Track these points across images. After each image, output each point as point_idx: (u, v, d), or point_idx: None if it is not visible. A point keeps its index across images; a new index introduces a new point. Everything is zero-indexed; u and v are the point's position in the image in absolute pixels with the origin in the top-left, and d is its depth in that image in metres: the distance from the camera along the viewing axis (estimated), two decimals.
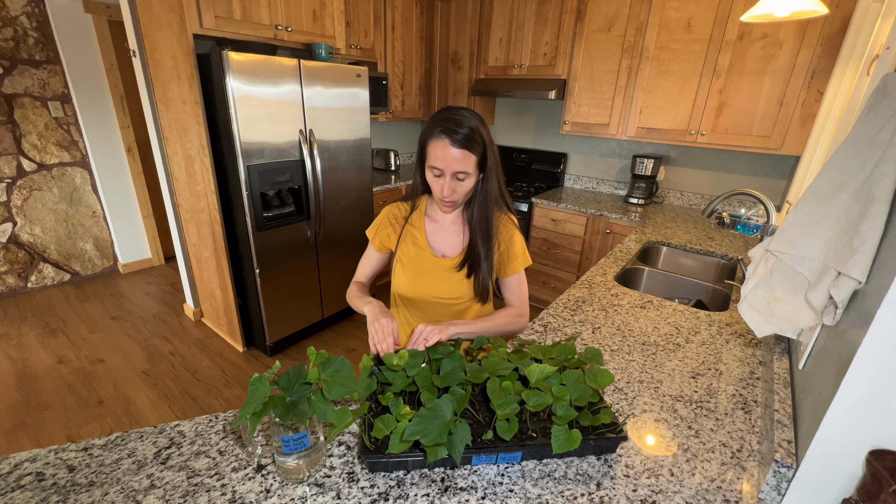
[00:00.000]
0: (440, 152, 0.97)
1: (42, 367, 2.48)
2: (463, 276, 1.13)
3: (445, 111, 0.99)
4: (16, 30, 2.90)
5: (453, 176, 0.99)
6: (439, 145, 0.96)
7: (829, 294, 0.74)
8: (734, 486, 0.75)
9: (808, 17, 1.48)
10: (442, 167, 0.98)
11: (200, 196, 2.39)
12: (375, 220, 1.19)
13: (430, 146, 0.98)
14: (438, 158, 0.97)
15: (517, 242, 1.13)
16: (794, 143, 2.29)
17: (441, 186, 1.01)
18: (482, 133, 0.99)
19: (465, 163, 0.97)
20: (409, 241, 1.16)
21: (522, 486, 0.73)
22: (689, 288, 1.79)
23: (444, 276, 1.13)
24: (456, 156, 0.96)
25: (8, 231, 3.15)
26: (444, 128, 0.96)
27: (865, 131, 0.72)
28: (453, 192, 1.01)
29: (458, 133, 0.95)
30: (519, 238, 1.14)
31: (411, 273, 1.15)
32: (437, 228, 1.16)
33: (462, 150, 0.96)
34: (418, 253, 1.14)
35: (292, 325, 2.67)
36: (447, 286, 1.13)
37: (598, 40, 2.75)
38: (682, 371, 1.07)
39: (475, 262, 1.10)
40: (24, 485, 0.69)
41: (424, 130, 1.01)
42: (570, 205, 2.86)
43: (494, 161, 1.04)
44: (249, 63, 2.01)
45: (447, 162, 0.97)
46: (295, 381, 0.69)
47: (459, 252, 1.14)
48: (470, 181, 1.02)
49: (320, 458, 0.75)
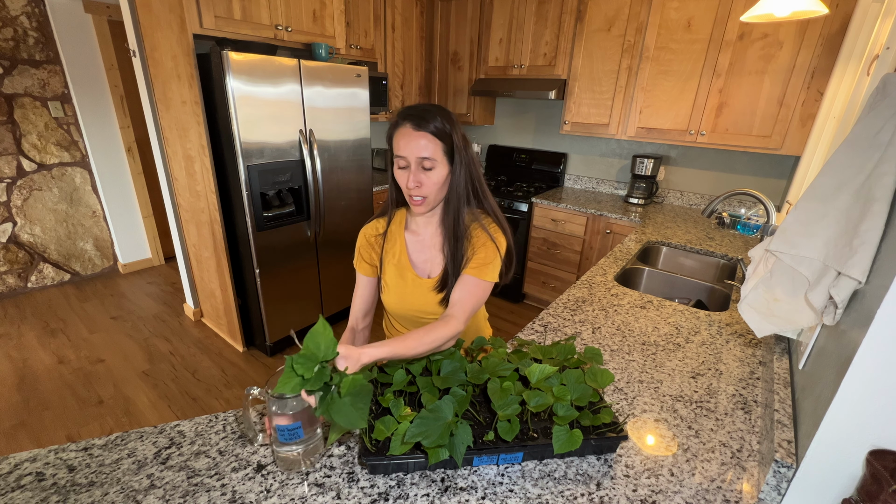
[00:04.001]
0: (403, 140, 0.92)
1: (42, 368, 2.48)
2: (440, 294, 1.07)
3: (405, 107, 0.96)
4: (16, 30, 2.90)
5: (418, 164, 0.93)
6: (402, 133, 0.93)
7: (829, 294, 0.74)
8: (734, 486, 0.75)
9: (808, 17, 1.48)
10: (406, 154, 0.93)
11: (200, 196, 2.39)
12: (356, 248, 1.13)
13: (395, 137, 0.95)
14: (402, 147, 0.93)
15: (487, 251, 1.00)
16: (794, 143, 2.29)
17: (406, 178, 0.94)
18: (447, 121, 0.94)
19: (429, 148, 0.92)
20: (389, 261, 1.09)
21: (522, 486, 0.73)
22: (689, 288, 1.79)
23: (427, 295, 1.07)
24: (419, 141, 0.91)
25: (8, 231, 3.15)
26: (406, 115, 0.93)
27: (865, 131, 0.72)
28: (419, 185, 0.94)
29: (420, 118, 0.92)
30: (491, 249, 1.00)
31: (396, 296, 1.10)
32: (419, 243, 1.08)
33: (425, 134, 0.91)
34: (401, 273, 1.08)
35: (292, 324, 2.67)
36: (433, 306, 1.07)
37: (598, 40, 2.75)
38: (682, 371, 1.07)
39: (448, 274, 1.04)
40: (24, 485, 0.69)
41: (389, 127, 0.97)
42: (570, 205, 2.86)
43: (466, 155, 0.97)
44: (249, 63, 2.01)
45: (410, 148, 0.92)
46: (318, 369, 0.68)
47: (441, 271, 1.06)
48: (438, 173, 0.94)
49: (317, 450, 0.76)
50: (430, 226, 1.07)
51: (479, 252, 1.00)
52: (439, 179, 0.95)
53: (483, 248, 1.00)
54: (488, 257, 0.99)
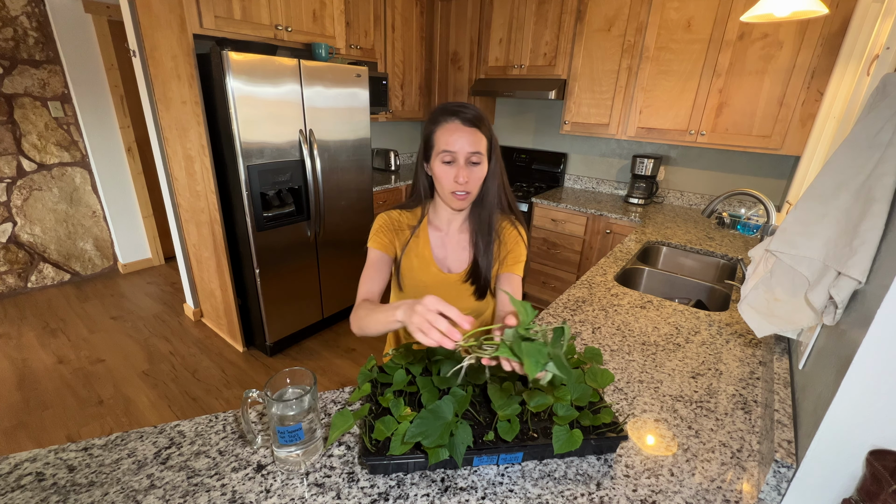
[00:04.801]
0: (451, 135, 0.93)
1: (42, 367, 2.48)
2: (469, 288, 1.08)
3: (446, 104, 0.97)
4: (16, 30, 2.90)
5: (467, 159, 0.94)
6: (450, 128, 0.93)
7: (829, 294, 0.74)
8: (734, 486, 0.75)
9: (808, 17, 1.48)
10: (455, 149, 0.93)
11: (200, 196, 2.39)
12: (374, 228, 1.08)
13: (439, 133, 0.95)
14: (450, 141, 0.93)
15: (520, 248, 1.07)
16: (794, 143, 2.29)
17: (455, 174, 0.94)
18: (487, 119, 0.97)
19: (477, 143, 0.94)
20: (412, 254, 1.08)
21: (522, 486, 0.73)
22: (689, 288, 1.79)
23: (450, 290, 1.08)
24: (471, 136, 0.93)
25: (8, 231, 3.15)
26: (452, 111, 0.94)
27: (865, 131, 0.72)
28: (467, 181, 0.95)
29: (467, 113, 0.93)
30: (523, 247, 1.07)
31: (416, 290, 1.08)
32: (443, 239, 1.09)
33: (475, 130, 0.93)
34: (424, 268, 1.08)
35: (292, 325, 2.67)
36: (454, 301, 1.08)
37: (598, 40, 2.75)
38: (682, 371, 1.07)
39: (479, 267, 1.06)
40: (24, 485, 0.69)
41: (428, 123, 0.98)
42: (570, 205, 2.86)
43: (498, 158, 1.01)
44: (249, 63, 2.01)
45: (461, 143, 0.92)
46: None
47: (467, 266, 1.08)
48: (482, 168, 0.97)
49: (317, 451, 0.76)
50: (455, 222, 1.08)
51: (514, 249, 1.06)
52: (482, 175, 0.97)
53: (516, 245, 1.06)
54: (522, 254, 1.06)
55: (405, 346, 0.93)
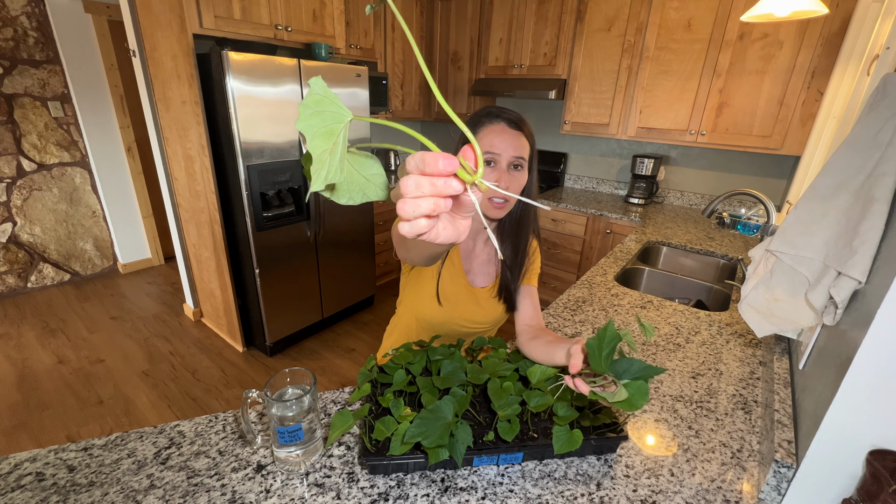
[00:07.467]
0: (496, 137, 0.87)
1: (42, 367, 2.48)
2: (497, 302, 1.05)
3: (488, 107, 0.92)
4: (16, 30, 2.89)
5: (510, 164, 0.88)
6: (494, 129, 0.87)
7: (830, 294, 0.74)
8: (734, 487, 0.75)
9: (808, 17, 1.48)
10: (500, 151, 0.86)
11: (200, 196, 2.39)
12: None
13: (482, 134, 0.88)
14: (494, 143, 0.86)
15: (539, 262, 1.08)
16: (794, 143, 2.29)
17: (496, 178, 0.87)
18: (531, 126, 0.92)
19: (522, 148, 0.88)
20: (448, 264, 1.02)
21: (522, 487, 0.73)
22: (689, 288, 1.79)
23: (479, 304, 1.05)
24: (517, 140, 0.87)
25: (8, 231, 3.15)
26: (499, 114, 0.89)
27: (865, 131, 0.72)
28: (507, 187, 0.88)
29: (511, 115, 0.88)
30: (538, 257, 1.07)
31: (446, 302, 1.04)
32: (468, 250, 1.05)
33: (518, 133, 0.88)
34: (454, 279, 1.03)
35: (292, 325, 2.67)
36: (482, 315, 1.05)
37: (598, 40, 2.75)
38: (683, 371, 1.07)
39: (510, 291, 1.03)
40: (24, 485, 0.69)
41: (468, 125, 0.91)
42: (571, 205, 2.86)
43: (535, 170, 0.95)
44: (249, 63, 2.01)
45: (506, 146, 0.86)
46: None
47: (492, 281, 1.05)
48: (523, 176, 0.90)
49: (317, 451, 0.76)
50: (483, 233, 1.04)
51: (535, 262, 1.07)
52: (523, 183, 0.91)
53: (536, 258, 1.08)
54: (539, 266, 1.08)
55: (405, 346, 0.93)
